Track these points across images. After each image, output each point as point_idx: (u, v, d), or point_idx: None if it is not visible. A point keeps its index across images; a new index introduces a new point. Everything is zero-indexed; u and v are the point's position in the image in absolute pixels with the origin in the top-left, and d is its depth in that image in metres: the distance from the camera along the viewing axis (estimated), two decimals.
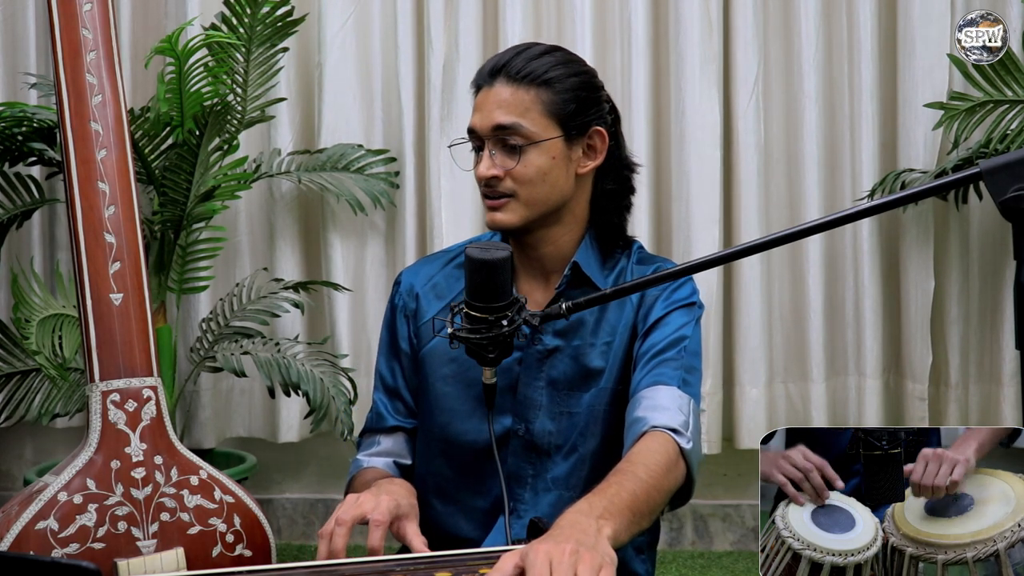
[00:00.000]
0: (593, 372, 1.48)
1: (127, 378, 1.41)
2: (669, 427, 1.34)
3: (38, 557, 1.27)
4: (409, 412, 1.58)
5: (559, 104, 1.44)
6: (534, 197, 1.45)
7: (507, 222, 1.46)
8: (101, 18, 1.49)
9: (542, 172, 1.44)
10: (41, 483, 1.39)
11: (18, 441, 3.26)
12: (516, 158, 1.43)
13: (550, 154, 1.44)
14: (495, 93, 1.44)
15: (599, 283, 1.50)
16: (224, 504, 1.43)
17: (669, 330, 1.46)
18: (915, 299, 2.81)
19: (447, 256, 1.61)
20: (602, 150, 1.49)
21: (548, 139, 1.43)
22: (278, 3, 2.61)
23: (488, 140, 1.44)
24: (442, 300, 1.56)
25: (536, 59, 1.45)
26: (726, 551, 3.10)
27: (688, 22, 2.84)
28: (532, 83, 1.43)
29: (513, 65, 1.44)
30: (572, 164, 1.47)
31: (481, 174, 1.45)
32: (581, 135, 1.47)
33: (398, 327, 1.58)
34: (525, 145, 1.42)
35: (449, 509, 1.53)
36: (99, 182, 1.45)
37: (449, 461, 1.52)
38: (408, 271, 1.63)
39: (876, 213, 1.14)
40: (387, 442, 1.57)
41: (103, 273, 1.43)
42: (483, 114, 1.44)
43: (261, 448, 3.05)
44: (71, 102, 1.46)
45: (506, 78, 1.44)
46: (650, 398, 1.40)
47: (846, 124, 2.89)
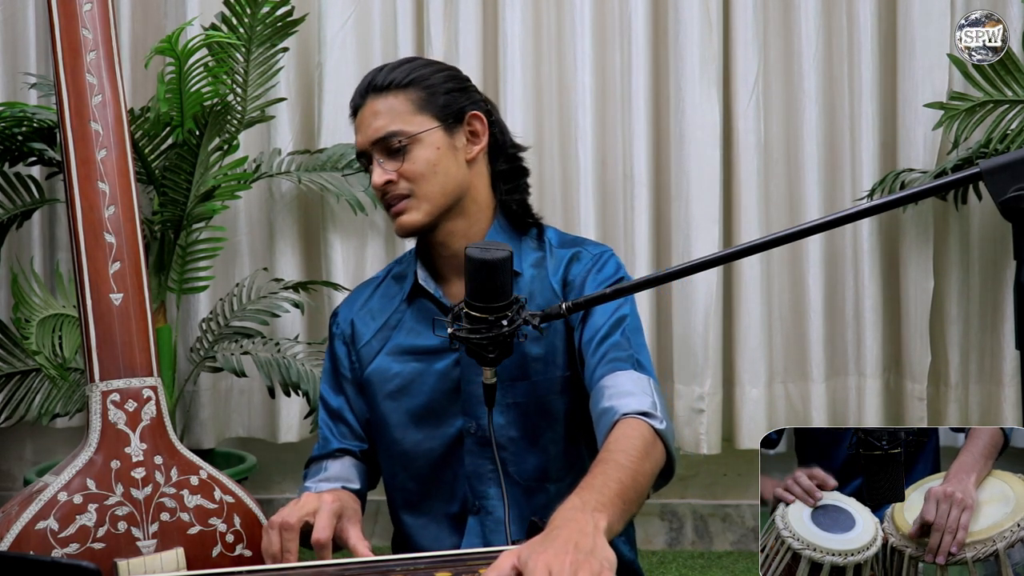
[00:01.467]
0: (531, 359, 1.49)
1: (127, 378, 1.41)
2: (639, 411, 1.35)
3: (38, 557, 1.27)
4: (354, 435, 1.58)
5: (427, 98, 1.49)
6: (430, 191, 1.49)
7: (413, 222, 1.50)
8: (101, 18, 1.49)
9: (431, 164, 1.48)
10: (41, 483, 1.39)
11: (18, 441, 3.26)
12: (401, 158, 1.48)
13: (433, 145, 1.48)
14: (368, 109, 1.51)
15: (516, 266, 1.50)
16: (224, 504, 1.43)
17: (607, 312, 1.47)
18: (915, 299, 2.81)
19: (374, 283, 1.65)
20: (483, 132, 1.54)
21: (425, 130, 1.48)
22: (278, 3, 2.61)
23: (374, 152, 1.50)
24: (377, 320, 1.59)
25: (396, 68, 1.52)
26: (726, 551, 3.10)
27: (688, 22, 2.84)
28: (397, 88, 1.49)
29: (377, 80, 1.51)
30: (459, 152, 1.51)
31: (375, 183, 1.49)
32: (459, 123, 1.51)
33: (338, 355, 1.61)
34: (406, 144, 1.47)
35: (420, 521, 1.54)
36: (99, 182, 1.45)
37: (410, 474, 1.53)
38: (343, 304, 1.66)
39: (876, 213, 1.14)
40: (334, 467, 1.56)
41: (103, 273, 1.43)
42: (363, 132, 1.51)
43: (261, 448, 3.05)
44: (71, 102, 1.46)
45: (374, 93, 1.51)
46: (611, 386, 1.40)
47: (846, 124, 2.89)
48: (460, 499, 1.51)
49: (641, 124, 2.87)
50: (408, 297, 1.57)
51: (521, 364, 1.48)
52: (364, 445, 1.58)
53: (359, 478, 1.56)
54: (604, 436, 1.35)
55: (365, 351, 1.57)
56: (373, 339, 1.57)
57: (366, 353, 1.57)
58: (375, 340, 1.57)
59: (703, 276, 2.83)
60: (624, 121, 2.91)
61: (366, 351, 1.57)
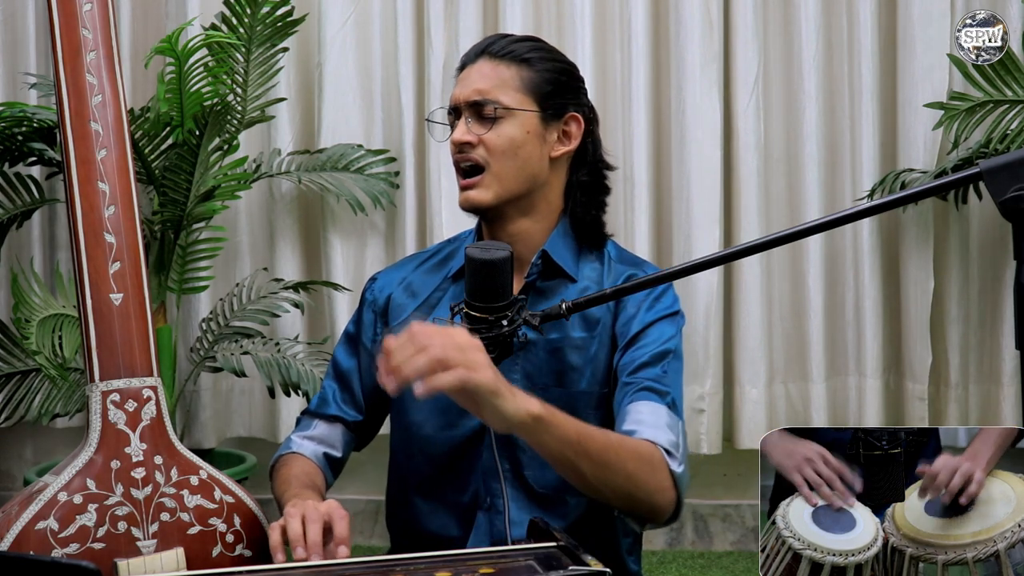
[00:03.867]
0: (569, 368, 1.47)
1: (127, 378, 1.41)
2: (661, 446, 1.34)
3: (38, 557, 1.27)
4: (355, 406, 1.58)
5: (537, 82, 1.48)
6: (505, 170, 1.46)
7: (480, 199, 1.47)
8: (101, 18, 1.49)
9: (515, 144, 1.46)
10: (41, 483, 1.39)
11: (18, 441, 3.26)
12: (489, 126, 1.46)
13: (524, 127, 1.46)
14: (476, 68, 1.49)
15: (572, 273, 1.50)
16: (224, 504, 1.43)
17: (654, 342, 1.44)
18: (915, 299, 2.81)
19: (421, 257, 1.63)
20: (577, 136, 1.52)
21: (522, 110, 1.46)
22: (278, 3, 2.61)
23: (465, 111, 1.48)
24: (416, 299, 1.56)
25: (519, 42, 1.51)
26: (726, 551, 3.10)
27: (688, 22, 2.84)
28: (512, 60, 1.48)
29: (496, 45, 1.49)
30: (546, 146, 1.49)
31: (455, 138, 1.48)
32: (557, 118, 1.49)
33: (364, 321, 1.59)
34: (499, 115, 1.45)
35: (431, 506, 1.53)
36: (99, 182, 1.45)
37: (428, 458, 1.52)
38: (383, 272, 1.64)
39: (876, 213, 1.14)
40: (323, 428, 1.58)
41: (103, 273, 1.43)
42: (463, 86, 1.49)
43: (261, 448, 3.05)
44: (71, 102, 1.46)
45: (488, 56, 1.49)
46: (640, 412, 1.38)
47: (846, 124, 2.88)
48: (472, 492, 1.50)
49: (641, 124, 2.87)
50: (455, 276, 1.55)
51: (559, 372, 1.47)
52: (360, 417, 1.58)
53: (343, 447, 1.58)
54: None
55: (399, 329, 1.55)
56: (410, 317, 1.54)
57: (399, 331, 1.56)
58: (412, 318, 1.54)
59: (703, 276, 2.83)
60: (624, 121, 2.90)
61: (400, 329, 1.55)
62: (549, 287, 1.51)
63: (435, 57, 2.90)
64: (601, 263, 1.54)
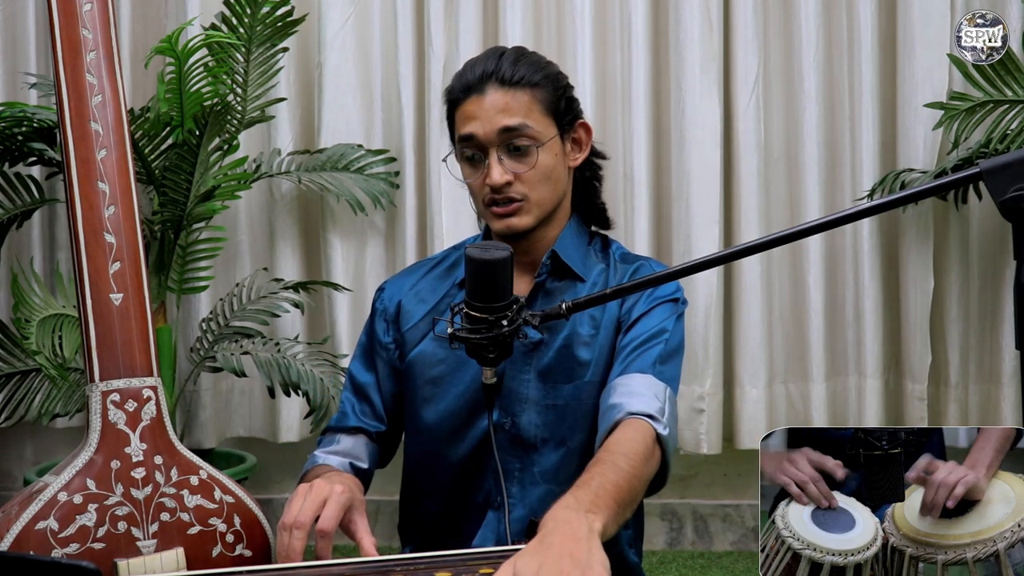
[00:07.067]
0: (580, 363, 1.48)
1: (127, 378, 1.41)
2: (645, 413, 1.34)
3: (38, 557, 1.27)
4: (375, 414, 1.58)
5: (553, 102, 1.47)
6: (543, 197, 1.47)
7: (524, 225, 1.47)
8: (101, 18, 1.49)
9: (549, 170, 1.46)
10: (41, 483, 1.39)
11: (18, 441, 3.26)
12: (526, 160, 1.44)
13: (553, 152, 1.47)
14: (491, 99, 1.44)
15: (579, 271, 1.51)
16: (224, 504, 1.43)
17: (650, 324, 1.47)
18: (915, 299, 2.81)
19: (429, 264, 1.63)
20: (587, 141, 1.53)
21: (551, 138, 1.46)
22: (278, 3, 2.61)
23: (493, 146, 1.44)
24: (426, 304, 1.57)
25: (520, 63, 1.46)
26: (726, 551, 3.10)
27: (688, 22, 2.84)
28: (526, 85, 1.45)
29: (503, 70, 1.44)
30: (566, 158, 1.50)
31: (495, 181, 1.44)
32: (570, 130, 1.50)
33: (376, 331, 1.59)
34: (532, 146, 1.44)
35: (442, 506, 1.54)
36: (99, 182, 1.45)
37: (441, 460, 1.53)
38: (391, 281, 1.64)
39: (876, 213, 1.14)
40: (347, 442, 1.56)
41: (103, 273, 1.43)
42: (484, 120, 1.44)
43: (261, 448, 3.05)
44: (71, 102, 1.46)
45: (499, 83, 1.44)
46: (625, 385, 1.40)
47: (846, 124, 2.89)
48: (485, 491, 1.51)
49: (641, 124, 2.87)
50: (461, 283, 1.54)
51: (568, 368, 1.48)
52: (382, 427, 1.57)
53: (368, 458, 1.56)
54: (606, 433, 1.35)
55: (411, 334, 1.55)
56: (421, 322, 1.55)
57: (412, 336, 1.55)
58: (423, 323, 1.54)
59: (703, 276, 2.83)
60: (624, 121, 2.90)
61: (412, 334, 1.55)
62: (558, 288, 1.51)
63: (435, 57, 2.90)
64: (606, 263, 1.55)
